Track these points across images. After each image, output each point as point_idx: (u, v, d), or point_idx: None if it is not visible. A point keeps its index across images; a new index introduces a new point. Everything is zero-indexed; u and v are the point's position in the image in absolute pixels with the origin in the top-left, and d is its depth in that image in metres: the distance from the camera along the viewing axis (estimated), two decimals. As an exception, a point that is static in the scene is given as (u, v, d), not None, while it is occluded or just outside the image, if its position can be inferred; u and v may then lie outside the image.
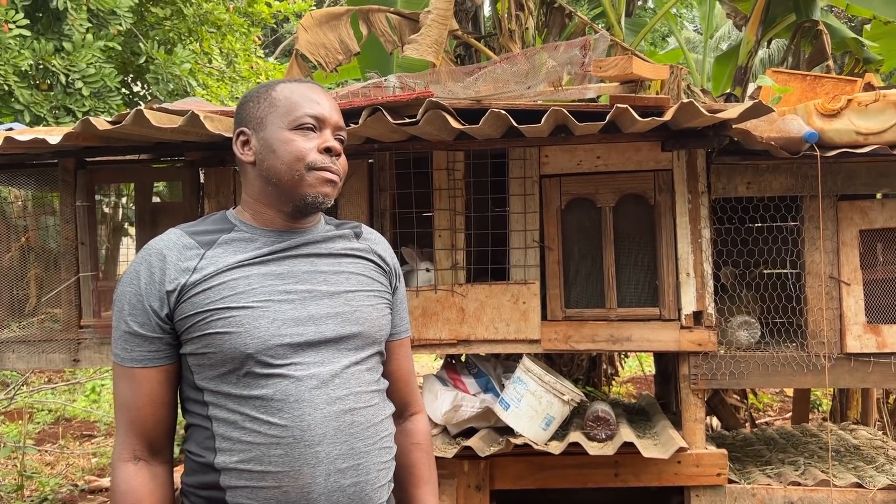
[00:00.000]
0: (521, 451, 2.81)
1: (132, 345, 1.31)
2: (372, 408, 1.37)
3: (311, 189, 1.34)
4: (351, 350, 1.36)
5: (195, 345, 1.30)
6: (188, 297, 1.29)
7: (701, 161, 2.83)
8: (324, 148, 1.35)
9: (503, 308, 2.94)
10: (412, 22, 4.07)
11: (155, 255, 1.32)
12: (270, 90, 1.39)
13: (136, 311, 1.30)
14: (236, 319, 1.28)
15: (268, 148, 1.35)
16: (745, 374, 2.82)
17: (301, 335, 1.31)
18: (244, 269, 1.32)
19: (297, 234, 1.39)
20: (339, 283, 1.39)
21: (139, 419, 1.32)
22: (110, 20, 6.58)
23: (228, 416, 1.29)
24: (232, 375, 1.29)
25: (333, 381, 1.32)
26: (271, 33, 14.57)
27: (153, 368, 1.32)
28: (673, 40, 11.35)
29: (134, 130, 2.42)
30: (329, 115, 1.38)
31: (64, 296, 3.00)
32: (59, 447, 5.51)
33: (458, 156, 2.99)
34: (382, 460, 1.38)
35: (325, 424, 1.29)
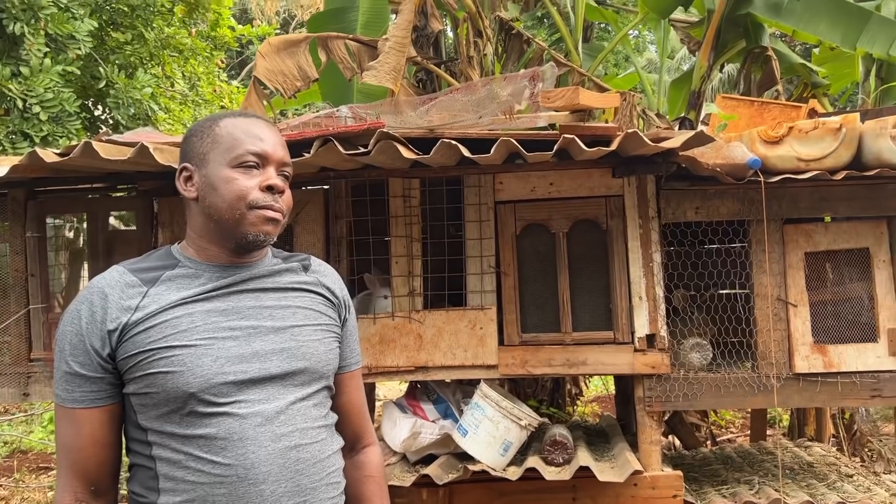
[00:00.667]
0: (480, 477, 2.82)
1: (73, 385, 1.30)
2: (318, 443, 1.37)
3: (251, 228, 1.34)
4: (297, 386, 1.36)
5: (138, 384, 1.28)
6: (130, 336, 1.28)
7: (651, 187, 2.89)
8: (266, 186, 1.34)
9: (460, 334, 2.95)
10: (371, 49, 4.11)
11: (96, 294, 1.31)
12: (214, 125, 1.39)
13: (77, 351, 1.29)
14: (179, 358, 1.27)
15: (209, 185, 1.34)
16: (698, 396, 2.87)
17: (245, 372, 1.30)
18: (187, 307, 1.32)
19: (243, 269, 1.39)
20: (285, 318, 1.38)
21: (81, 461, 1.30)
22: (69, 44, 6.52)
23: (172, 456, 1.28)
24: (175, 415, 1.28)
25: (278, 418, 1.31)
26: (237, 55, 14.55)
27: (95, 409, 1.30)
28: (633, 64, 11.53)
29: (83, 162, 2.40)
30: (272, 152, 1.37)
31: (13, 328, 2.95)
32: (15, 481, 5.37)
33: (413, 183, 3.01)
34: (330, 496, 1.38)
35: (269, 462, 1.28)
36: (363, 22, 4.61)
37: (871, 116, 2.87)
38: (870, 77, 5.11)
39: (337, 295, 1.52)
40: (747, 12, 4.46)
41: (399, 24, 3.84)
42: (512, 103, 2.66)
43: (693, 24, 5.29)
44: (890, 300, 2.83)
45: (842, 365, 2.82)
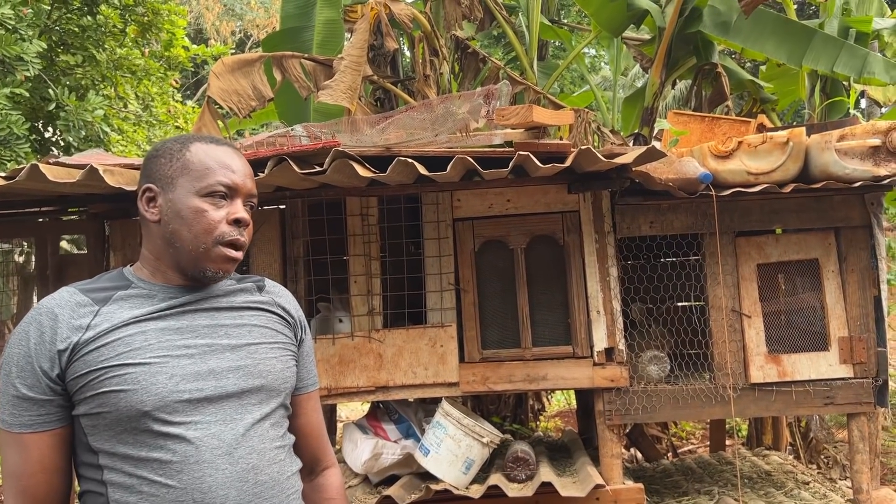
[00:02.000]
0: (443, 496, 2.80)
1: (20, 409, 1.25)
2: (277, 465, 1.34)
3: (212, 264, 1.32)
4: (254, 405, 1.33)
5: (89, 405, 1.24)
6: (81, 355, 1.24)
7: (606, 202, 2.92)
8: (233, 220, 1.33)
9: (421, 352, 2.94)
10: (326, 68, 4.10)
11: (46, 315, 1.26)
12: (184, 149, 1.36)
13: (25, 374, 1.24)
14: (132, 376, 1.23)
15: (175, 212, 1.32)
16: (657, 408, 2.89)
17: (201, 390, 1.27)
18: (140, 325, 1.28)
19: (197, 291, 1.36)
20: (240, 336, 1.36)
21: (31, 488, 1.25)
22: (17, 66, 6.38)
23: (125, 481, 1.23)
24: (128, 435, 1.23)
25: (236, 440, 1.28)
26: (192, 75, 14.40)
27: (44, 433, 1.25)
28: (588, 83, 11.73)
29: (30, 185, 2.34)
30: (241, 184, 1.36)
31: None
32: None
33: (371, 201, 3.00)
34: None
35: (227, 486, 1.25)
36: (318, 41, 4.61)
37: (816, 130, 2.95)
38: (815, 93, 5.27)
39: (293, 315, 1.50)
40: (697, 30, 4.57)
41: (354, 42, 3.84)
42: (468, 121, 2.68)
43: (645, 42, 5.40)
44: (839, 309, 2.90)
45: (795, 374, 2.87)
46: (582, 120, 3.57)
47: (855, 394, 2.86)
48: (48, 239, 3.02)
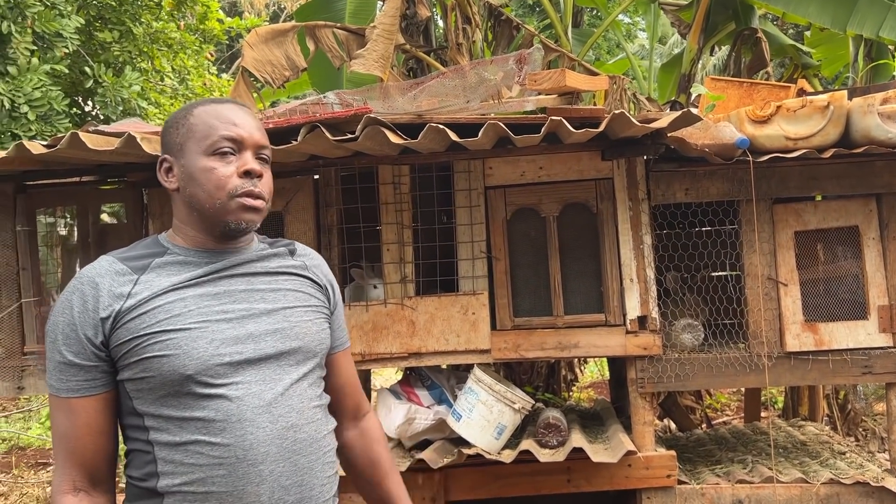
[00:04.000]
0: (475, 461, 2.83)
1: (67, 375, 1.30)
2: (314, 423, 1.38)
3: (232, 216, 1.34)
4: (292, 366, 1.37)
5: (133, 370, 1.29)
6: (123, 322, 1.28)
7: (640, 169, 2.89)
8: (243, 171, 1.34)
9: (453, 319, 2.96)
10: (359, 37, 4.10)
11: (87, 284, 1.31)
12: (188, 114, 1.38)
13: (70, 341, 1.29)
14: (174, 342, 1.28)
15: (188, 176, 1.34)
16: (690, 376, 2.88)
17: (241, 353, 1.31)
18: (179, 292, 1.32)
19: (231, 255, 1.39)
20: (276, 301, 1.39)
21: (78, 450, 1.31)
22: (56, 42, 6.49)
23: (170, 439, 1.28)
24: (172, 398, 1.28)
25: (275, 399, 1.32)
26: (227, 49, 14.49)
27: (90, 397, 1.30)
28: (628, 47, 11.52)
29: (70, 154, 2.39)
30: (248, 136, 1.36)
31: (6, 322, 2.94)
32: (13, 477, 5.38)
33: (403, 170, 3.01)
34: (326, 475, 1.39)
35: (267, 443, 1.30)
36: (351, 10, 4.60)
37: (858, 94, 2.87)
38: (859, 57, 5.11)
39: (323, 279, 1.53)
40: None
41: (386, 11, 3.83)
42: (500, 87, 2.66)
43: (682, 7, 5.28)
44: (879, 277, 2.84)
45: (833, 343, 2.83)
46: (617, 87, 3.52)
47: (894, 363, 2.81)
48: (89, 208, 3.09)
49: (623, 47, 5.84)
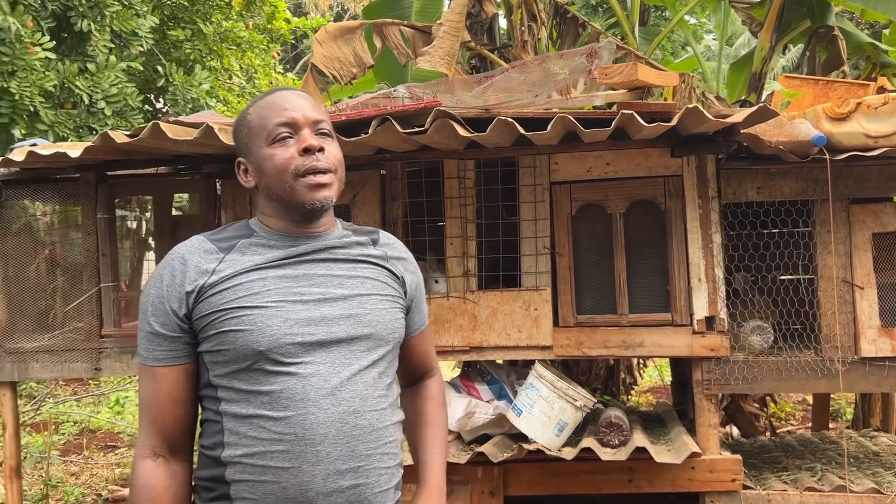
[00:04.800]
0: (535, 457, 2.82)
1: (154, 344, 1.37)
2: (377, 412, 1.39)
3: (303, 197, 1.38)
4: (363, 352, 1.39)
5: (211, 342, 1.34)
6: (206, 297, 1.35)
7: (711, 166, 2.84)
8: (302, 150, 1.38)
9: (515, 314, 2.96)
10: (425, 34, 4.13)
11: (177, 259, 1.38)
12: (247, 115, 1.46)
13: (158, 312, 1.36)
14: (249, 318, 1.32)
15: (259, 170, 1.41)
16: (758, 379, 2.81)
17: (312, 335, 1.35)
18: (261, 272, 1.37)
19: (313, 240, 1.43)
20: (353, 287, 1.43)
21: (159, 417, 1.37)
22: (132, 41, 6.73)
23: (238, 411, 1.33)
24: (243, 373, 1.33)
25: (341, 383, 1.35)
26: (291, 49, 14.78)
27: (173, 367, 1.37)
28: (691, 49, 11.33)
29: (151, 143, 2.48)
30: (300, 116, 1.39)
31: (86, 306, 3.07)
32: (84, 458, 5.60)
33: (468, 164, 3.02)
34: (385, 465, 1.40)
35: (327, 425, 1.32)
36: (417, 8, 4.64)
37: (944, 92, 2.75)
38: (943, 55, 4.89)
39: (400, 269, 1.55)
40: (812, -10, 4.33)
41: (453, 8, 3.85)
42: (569, 82, 2.65)
43: (754, 5, 5.14)
44: (964, 282, 2.72)
45: (911, 349, 2.72)
46: (686, 84, 3.46)
47: (978, 373, 2.69)
48: (165, 198, 3.20)
49: (691, 46, 5.73)
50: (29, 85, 5.59)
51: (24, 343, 3.18)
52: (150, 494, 1.35)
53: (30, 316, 3.24)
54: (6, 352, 3.13)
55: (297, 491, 1.30)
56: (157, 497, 1.35)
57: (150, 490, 1.35)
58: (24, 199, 3.23)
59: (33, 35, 5.68)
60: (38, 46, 5.73)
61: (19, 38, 5.57)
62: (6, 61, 5.55)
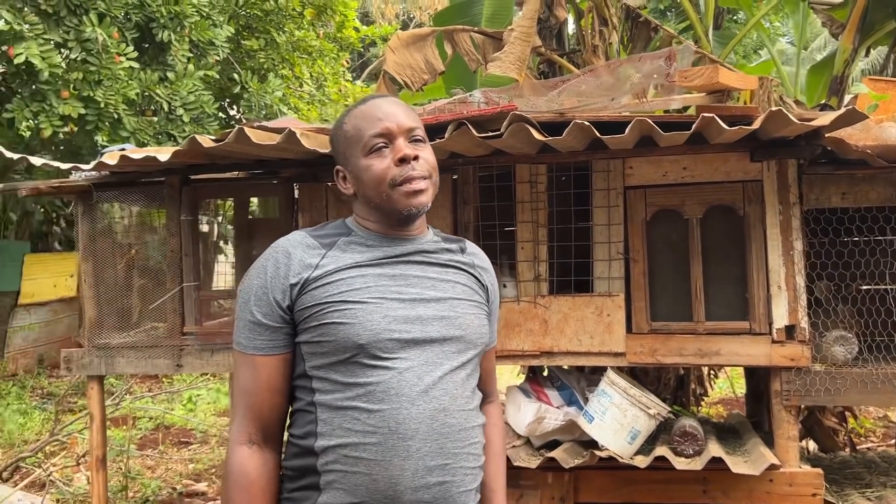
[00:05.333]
0: (606, 464, 2.79)
1: (255, 334, 1.41)
2: (466, 413, 1.42)
3: (401, 204, 1.42)
4: (454, 353, 1.43)
5: (311, 333, 1.39)
6: (309, 290, 1.39)
7: (792, 171, 2.76)
8: (397, 160, 1.42)
9: (587, 320, 2.94)
10: (495, 41, 4.16)
11: (281, 252, 1.43)
12: (343, 124, 1.50)
13: (262, 303, 1.41)
14: (351, 312, 1.36)
15: (357, 179, 1.47)
16: (841, 391, 2.71)
17: (408, 332, 1.38)
18: (361, 269, 1.42)
19: (408, 242, 1.48)
20: (445, 290, 1.47)
21: (257, 405, 1.42)
22: (209, 50, 6.98)
23: (333, 402, 1.36)
24: (341, 365, 1.37)
25: (434, 381, 1.38)
26: (358, 57, 15.03)
27: (272, 356, 1.41)
28: (764, 53, 11.06)
29: (236, 147, 2.57)
30: (394, 126, 1.43)
31: (169, 305, 3.20)
32: (159, 452, 5.80)
33: (540, 169, 3.02)
34: (470, 465, 1.42)
35: (419, 421, 1.35)
36: (488, 15, 4.66)
37: None
38: None
39: (486, 279, 1.59)
40: (898, -10, 4.17)
41: (525, 13, 3.86)
42: (644, 85, 2.63)
43: (836, 6, 4.99)
44: None
45: None
46: (765, 89, 3.38)
47: None
48: (244, 201, 3.30)
49: (767, 49, 5.58)
50: (113, 93, 5.86)
51: (111, 339, 3.32)
52: (245, 481, 1.39)
53: (116, 313, 3.40)
54: (94, 347, 3.28)
55: (386, 484, 1.32)
56: (251, 483, 1.39)
57: (245, 476, 1.39)
58: (113, 202, 3.38)
59: (119, 45, 5.94)
60: (123, 56, 6.00)
61: (106, 48, 5.84)
62: (93, 70, 5.83)
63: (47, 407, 7.25)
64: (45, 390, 8.28)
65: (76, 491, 4.77)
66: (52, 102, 5.64)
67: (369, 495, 1.33)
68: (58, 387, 8.37)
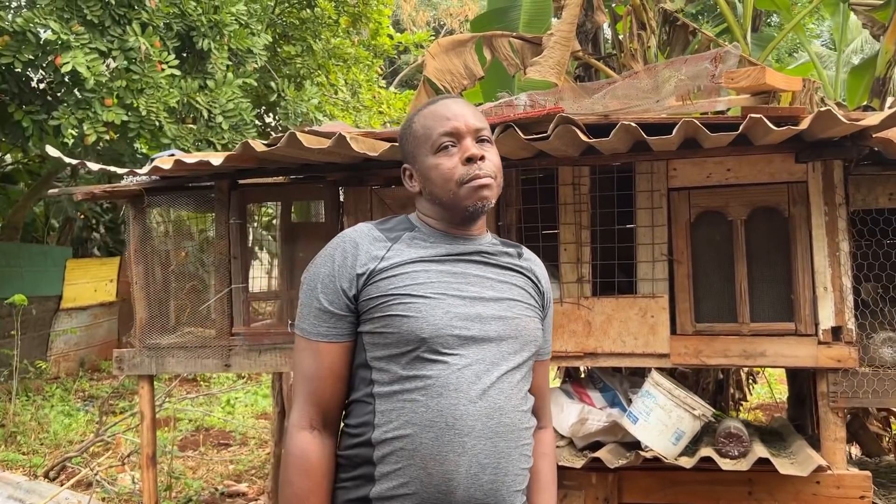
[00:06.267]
0: (650, 465, 2.80)
1: (320, 320, 1.44)
2: (519, 413, 1.44)
3: (468, 201, 1.46)
4: (510, 353, 1.45)
5: (375, 324, 1.41)
6: (375, 280, 1.42)
7: (838, 172, 2.75)
8: (465, 159, 1.45)
9: (630, 321, 2.95)
10: (534, 45, 4.19)
11: (349, 242, 1.46)
12: (412, 124, 1.54)
13: (328, 290, 1.44)
14: (415, 306, 1.39)
15: (424, 177, 1.50)
16: (889, 393, 2.69)
17: (468, 329, 1.41)
18: (424, 265, 1.45)
19: (469, 242, 1.51)
20: (503, 291, 1.49)
21: (319, 391, 1.44)
22: (247, 58, 7.11)
23: (392, 394, 1.39)
24: (403, 357, 1.39)
25: (491, 380, 1.40)
26: (389, 65, 15.16)
27: (336, 344, 1.44)
28: (800, 55, 10.94)
29: (286, 152, 2.64)
30: (462, 126, 1.47)
31: (217, 305, 3.27)
32: (200, 454, 5.91)
33: (583, 171, 3.05)
34: (521, 466, 1.44)
35: (475, 418, 1.36)
36: (525, 20, 4.70)
37: None
38: None
39: (543, 285, 1.61)
40: (941, -10, 4.12)
41: (565, 18, 3.89)
42: (689, 87, 2.64)
43: (877, 7, 4.94)
44: None
45: None
46: (807, 90, 3.37)
47: None
48: (289, 204, 3.37)
49: (806, 51, 5.54)
50: (155, 101, 5.99)
51: (161, 339, 3.41)
52: (306, 465, 1.41)
53: (166, 314, 3.48)
54: (145, 347, 3.37)
55: (440, 478, 1.34)
56: (312, 468, 1.41)
57: (306, 461, 1.41)
58: (164, 206, 3.47)
59: (160, 54, 6.08)
60: (165, 64, 6.13)
61: (148, 57, 5.98)
62: (136, 79, 5.97)
63: (89, 409, 7.42)
64: (87, 393, 8.47)
65: (121, 490, 4.88)
66: (96, 110, 5.79)
67: (423, 488, 1.34)
68: (99, 389, 8.56)
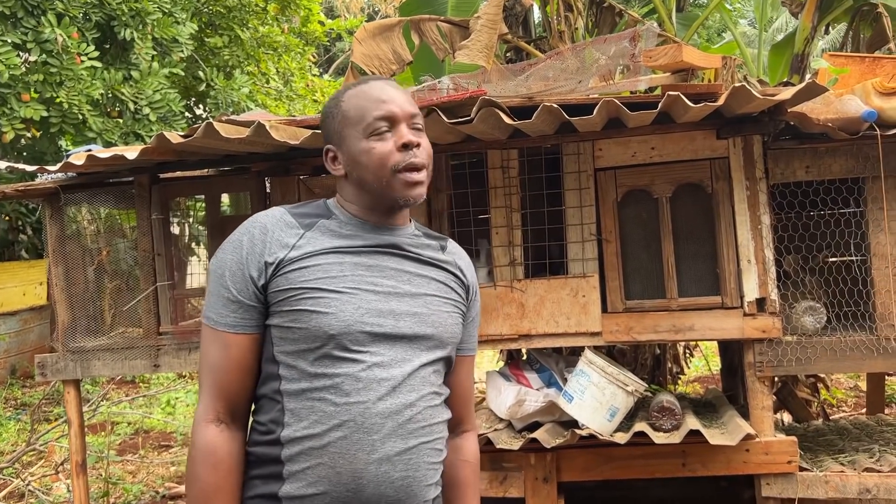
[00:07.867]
0: (587, 443, 2.83)
1: (228, 310, 1.37)
2: (431, 408, 1.41)
3: (399, 193, 1.39)
4: (423, 350, 1.41)
5: (283, 318, 1.35)
6: (284, 271, 1.35)
7: (758, 147, 2.82)
8: (401, 145, 1.38)
9: (563, 302, 2.97)
10: (462, 29, 4.17)
11: (258, 228, 1.38)
12: (339, 102, 1.44)
13: (237, 278, 1.36)
14: (325, 301, 1.33)
15: (353, 161, 1.41)
16: (812, 360, 2.78)
17: (380, 326, 1.36)
18: (338, 256, 1.38)
19: (389, 233, 1.45)
20: (420, 286, 1.44)
21: (225, 383, 1.37)
22: (173, 48, 6.89)
23: (299, 392, 1.34)
24: (310, 353, 1.34)
25: (402, 376, 1.37)
26: (324, 52, 14.94)
27: (244, 335, 1.37)
28: (727, 35, 11.20)
29: (204, 143, 2.55)
30: (398, 110, 1.40)
31: (143, 305, 3.17)
32: (140, 457, 5.74)
33: (511, 154, 3.04)
34: (433, 460, 1.42)
35: (385, 416, 1.34)
36: (453, 4, 4.67)
37: None
38: None
39: (467, 278, 1.57)
40: (854, -32, 4.26)
41: (491, 1, 3.87)
42: (611, 67, 2.66)
43: (794, -15, 5.07)
44: None
45: (971, 326, 2.67)
46: (728, 67, 3.43)
47: None
48: (216, 197, 3.28)
49: (730, 30, 5.66)
50: (77, 94, 5.76)
51: (86, 342, 3.29)
52: (213, 459, 1.35)
53: (89, 316, 3.36)
54: (69, 351, 3.24)
55: (349, 477, 1.31)
56: (219, 462, 1.35)
57: (213, 455, 1.35)
58: (81, 203, 3.33)
59: (79, 45, 5.84)
60: (84, 56, 5.90)
61: (66, 49, 5.74)
62: (54, 72, 5.73)
63: (22, 417, 7.14)
64: (19, 400, 8.15)
65: (56, 499, 4.72)
66: (12, 106, 5.53)
67: (333, 488, 1.31)
68: (31, 396, 8.24)
